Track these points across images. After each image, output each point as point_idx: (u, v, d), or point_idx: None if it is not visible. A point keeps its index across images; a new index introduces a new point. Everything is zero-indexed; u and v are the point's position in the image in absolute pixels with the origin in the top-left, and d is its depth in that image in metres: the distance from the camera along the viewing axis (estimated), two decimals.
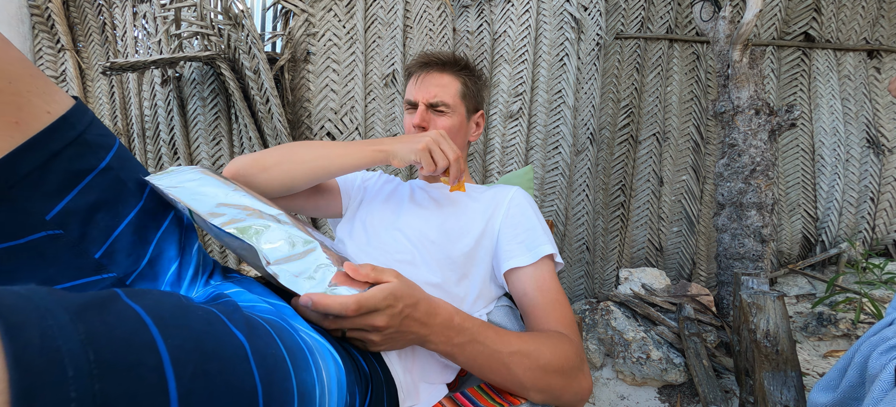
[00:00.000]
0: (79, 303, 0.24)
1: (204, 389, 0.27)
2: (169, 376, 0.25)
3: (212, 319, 0.32)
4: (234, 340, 0.32)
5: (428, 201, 0.87)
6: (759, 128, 1.69)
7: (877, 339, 0.60)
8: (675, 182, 2.32)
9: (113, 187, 0.45)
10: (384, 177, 0.99)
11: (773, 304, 1.19)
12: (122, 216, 0.45)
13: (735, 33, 1.69)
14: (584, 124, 2.18)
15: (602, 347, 1.70)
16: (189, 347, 0.27)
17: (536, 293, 0.69)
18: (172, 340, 0.26)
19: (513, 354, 0.57)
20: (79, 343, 0.22)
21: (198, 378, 0.27)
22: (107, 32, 2.26)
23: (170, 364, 0.25)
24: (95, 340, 0.23)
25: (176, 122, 2.18)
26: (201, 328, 0.30)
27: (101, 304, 0.25)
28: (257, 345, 0.33)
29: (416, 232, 0.77)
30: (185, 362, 0.26)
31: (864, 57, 2.32)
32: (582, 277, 2.26)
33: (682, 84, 2.28)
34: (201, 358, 0.28)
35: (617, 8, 2.22)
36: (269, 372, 0.33)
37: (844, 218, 2.30)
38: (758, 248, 1.69)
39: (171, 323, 0.27)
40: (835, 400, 0.65)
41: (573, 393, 0.60)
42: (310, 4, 2.15)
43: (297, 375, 0.36)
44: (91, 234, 0.42)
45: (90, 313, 0.24)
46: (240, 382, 0.30)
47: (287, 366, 0.36)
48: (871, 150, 2.29)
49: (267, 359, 0.33)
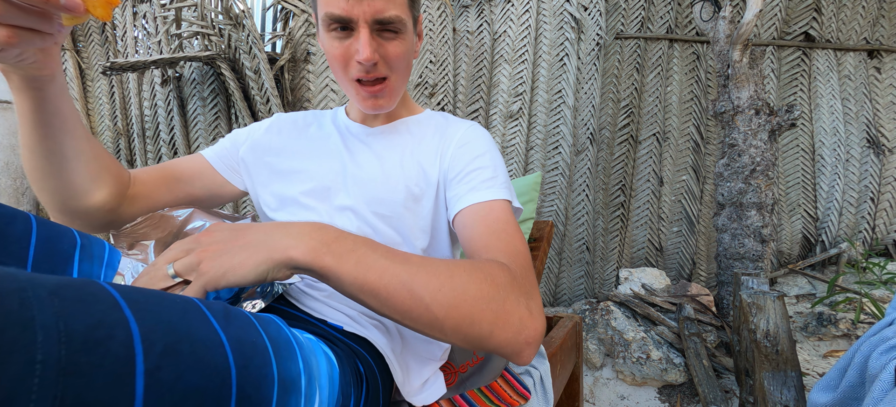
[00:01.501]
0: (58, 282, 0.25)
1: (172, 366, 0.27)
2: (137, 350, 0.26)
3: (188, 307, 0.32)
4: (209, 325, 0.32)
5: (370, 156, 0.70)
6: (759, 128, 1.69)
7: (877, 339, 0.60)
8: (675, 182, 2.32)
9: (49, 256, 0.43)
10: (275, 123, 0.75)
11: (773, 304, 1.19)
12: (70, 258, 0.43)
13: (735, 33, 1.69)
14: (584, 124, 2.18)
15: (602, 347, 1.70)
16: (161, 329, 0.28)
17: (477, 225, 0.57)
18: (145, 322, 0.27)
19: (418, 271, 0.43)
20: (52, 314, 0.23)
21: (167, 355, 0.27)
22: (107, 32, 2.26)
23: (139, 340, 0.26)
24: (68, 313, 0.24)
25: (176, 122, 2.18)
26: (176, 313, 0.30)
27: (79, 285, 0.26)
28: (233, 332, 0.33)
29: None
30: (154, 341, 0.27)
31: (865, 57, 2.32)
32: (582, 277, 2.27)
33: (682, 84, 2.28)
34: (173, 338, 0.28)
35: (617, 8, 2.22)
36: (245, 357, 0.33)
37: (844, 218, 2.30)
38: (758, 248, 1.69)
39: (145, 306, 0.28)
40: (835, 400, 0.65)
41: (506, 334, 0.44)
42: (310, 4, 2.15)
43: (279, 363, 0.36)
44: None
45: (66, 291, 0.25)
46: (212, 363, 0.30)
47: (268, 354, 0.35)
48: (871, 150, 2.29)
49: (245, 345, 0.33)
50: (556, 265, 2.27)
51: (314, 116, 0.78)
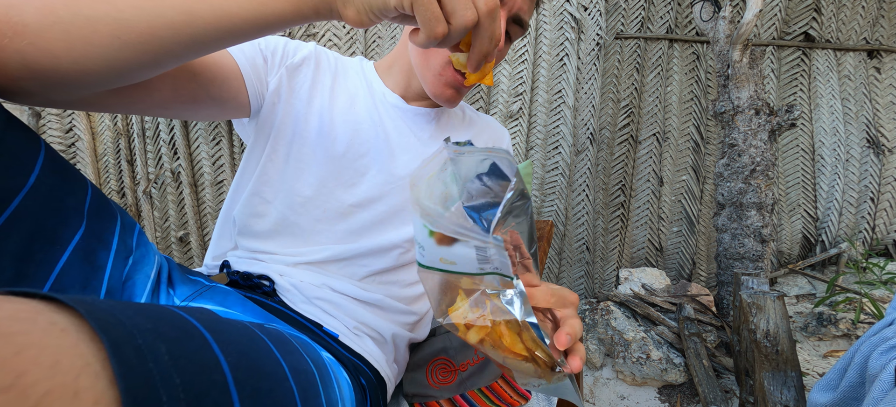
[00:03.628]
0: (150, 316, 0.23)
1: (251, 393, 0.26)
2: (234, 397, 0.24)
3: (250, 333, 0.30)
4: (273, 356, 0.30)
5: (411, 140, 0.63)
6: (759, 128, 1.69)
7: (877, 339, 0.60)
8: (675, 182, 2.32)
9: (49, 208, 0.35)
10: (313, 60, 0.63)
11: (773, 304, 1.19)
12: (66, 242, 0.36)
13: (735, 33, 1.69)
14: (584, 124, 2.18)
15: (602, 347, 1.70)
16: (244, 365, 0.26)
17: None
18: (230, 358, 0.25)
19: None
20: (165, 365, 0.21)
21: (255, 397, 0.26)
22: None
23: (233, 383, 0.24)
24: (178, 361, 0.22)
25: (176, 122, 2.18)
26: (248, 344, 0.29)
27: (168, 318, 0.24)
28: (291, 361, 0.32)
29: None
30: (243, 382, 0.25)
31: (864, 57, 2.32)
32: (582, 277, 2.27)
33: (682, 84, 2.28)
34: (255, 376, 0.27)
35: (617, 8, 2.22)
36: (303, 389, 0.32)
37: (844, 218, 2.30)
38: (758, 248, 1.69)
39: (224, 337, 0.26)
40: (835, 400, 0.65)
41: None
42: None
43: (325, 391, 0.36)
44: (29, 271, 0.34)
45: (165, 328, 0.22)
46: (284, 400, 0.29)
47: (316, 382, 0.35)
48: (871, 150, 2.29)
49: (300, 375, 0.33)
50: (556, 265, 2.27)
51: (338, 62, 0.67)
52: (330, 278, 0.58)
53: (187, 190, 2.21)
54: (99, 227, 0.40)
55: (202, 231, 2.27)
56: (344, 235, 0.59)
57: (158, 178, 2.23)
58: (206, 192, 2.22)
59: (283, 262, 0.59)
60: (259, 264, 0.60)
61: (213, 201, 2.24)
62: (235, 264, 0.61)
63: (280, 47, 0.60)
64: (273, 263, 0.59)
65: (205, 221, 2.26)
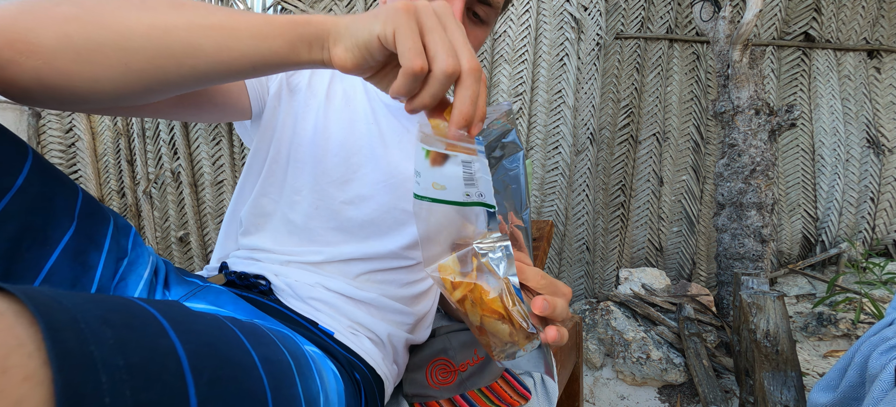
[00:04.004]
0: (102, 304, 0.23)
1: (219, 396, 0.26)
2: (189, 382, 0.24)
3: (219, 324, 0.31)
4: (242, 345, 0.31)
5: (405, 136, 0.62)
6: (759, 128, 1.69)
7: (877, 339, 0.60)
8: (675, 182, 2.32)
9: (37, 209, 0.36)
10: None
11: (773, 304, 1.19)
12: (55, 242, 0.37)
13: (735, 33, 1.69)
14: (584, 124, 2.18)
15: (602, 347, 1.70)
16: (204, 352, 0.26)
17: None
18: (189, 345, 0.26)
19: None
20: (109, 348, 0.21)
21: (214, 384, 0.26)
22: None
23: (189, 369, 0.25)
24: (126, 345, 0.22)
25: (176, 123, 2.18)
26: (212, 333, 0.29)
27: (121, 306, 0.24)
28: (263, 351, 0.32)
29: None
30: (201, 368, 0.25)
31: (864, 57, 2.32)
32: (582, 277, 2.27)
33: (682, 84, 2.28)
34: (216, 363, 0.27)
35: (617, 8, 2.22)
36: (276, 378, 0.32)
37: (844, 218, 2.30)
38: (758, 248, 1.69)
39: (185, 327, 0.26)
40: (835, 400, 0.65)
41: None
42: (309, 5, 2.15)
43: (303, 382, 0.36)
44: (17, 270, 0.35)
45: (114, 316, 0.23)
46: (251, 388, 0.29)
47: (292, 373, 0.35)
48: (871, 150, 2.29)
49: (273, 365, 0.33)
50: (556, 265, 2.27)
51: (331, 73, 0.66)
52: (324, 277, 0.58)
53: (187, 190, 2.21)
54: (91, 228, 0.41)
55: (202, 231, 2.27)
56: (337, 234, 0.59)
57: (158, 178, 2.23)
58: (206, 192, 2.22)
59: (278, 261, 0.60)
60: (256, 264, 0.60)
61: (213, 201, 2.24)
62: (233, 265, 0.61)
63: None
64: (269, 263, 0.60)
65: (205, 221, 2.26)
